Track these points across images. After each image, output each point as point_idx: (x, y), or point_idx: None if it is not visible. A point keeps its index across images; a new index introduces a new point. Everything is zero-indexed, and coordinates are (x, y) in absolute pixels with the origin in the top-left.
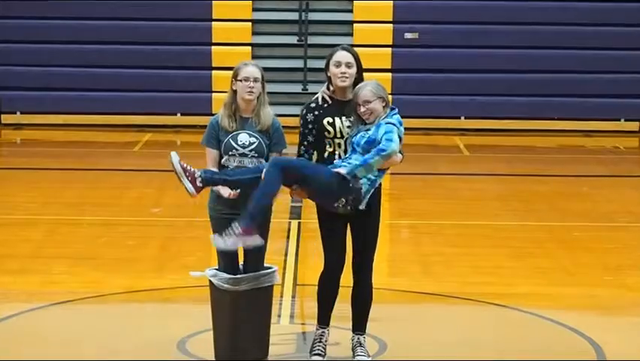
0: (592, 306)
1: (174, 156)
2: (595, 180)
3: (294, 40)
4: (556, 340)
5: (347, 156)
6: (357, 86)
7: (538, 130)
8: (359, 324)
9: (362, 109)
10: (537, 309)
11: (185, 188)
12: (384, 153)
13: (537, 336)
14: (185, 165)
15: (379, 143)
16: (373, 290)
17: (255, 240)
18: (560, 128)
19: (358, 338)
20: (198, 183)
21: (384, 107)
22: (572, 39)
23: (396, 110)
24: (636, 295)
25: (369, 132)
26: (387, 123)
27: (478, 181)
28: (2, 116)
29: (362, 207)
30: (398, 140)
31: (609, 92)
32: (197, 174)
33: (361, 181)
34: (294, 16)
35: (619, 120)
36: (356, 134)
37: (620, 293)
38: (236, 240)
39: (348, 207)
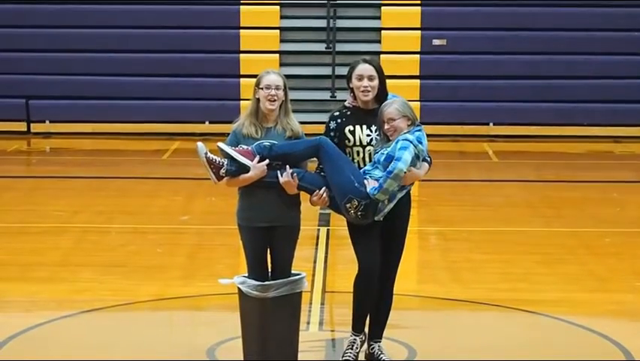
0: (623, 312)
1: (201, 148)
2: (624, 185)
3: (322, 47)
4: (587, 346)
5: (369, 168)
6: (384, 104)
7: (567, 136)
8: (380, 331)
9: (386, 126)
10: (567, 315)
11: (210, 176)
12: (391, 175)
13: (567, 343)
14: (210, 157)
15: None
16: (403, 297)
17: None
18: (589, 134)
19: (379, 346)
20: (221, 173)
21: (409, 125)
22: (601, 45)
23: (421, 127)
24: None
25: (389, 149)
26: (403, 140)
27: (507, 187)
28: (32, 124)
29: (380, 218)
30: (409, 158)
31: (638, 97)
32: (222, 164)
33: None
34: (322, 23)
35: None
36: (378, 151)
37: None
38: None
39: (359, 213)
